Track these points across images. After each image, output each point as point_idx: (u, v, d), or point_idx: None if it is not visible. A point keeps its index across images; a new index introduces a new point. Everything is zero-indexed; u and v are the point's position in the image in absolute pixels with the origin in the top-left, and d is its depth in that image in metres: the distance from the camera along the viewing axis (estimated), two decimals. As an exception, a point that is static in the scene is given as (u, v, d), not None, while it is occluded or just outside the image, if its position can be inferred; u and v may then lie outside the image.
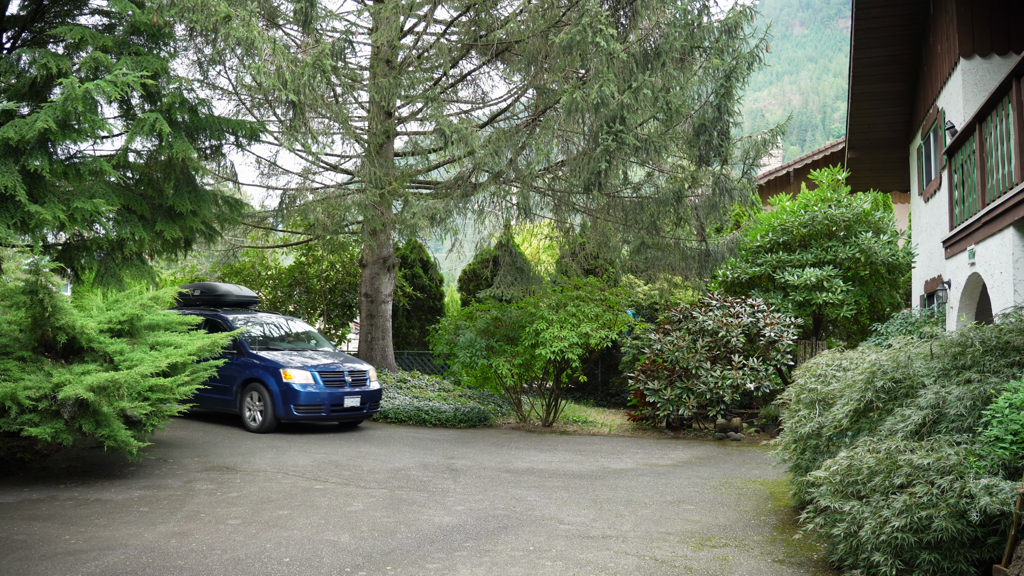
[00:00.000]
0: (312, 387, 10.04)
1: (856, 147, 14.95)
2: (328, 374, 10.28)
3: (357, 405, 10.41)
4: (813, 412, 5.72)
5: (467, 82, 12.58)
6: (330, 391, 10.14)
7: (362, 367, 10.77)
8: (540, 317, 11.03)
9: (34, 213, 6.06)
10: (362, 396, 10.48)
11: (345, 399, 10.24)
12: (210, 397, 10.70)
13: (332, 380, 10.27)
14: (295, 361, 10.32)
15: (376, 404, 10.93)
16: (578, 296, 11.46)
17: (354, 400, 10.36)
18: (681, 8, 9.57)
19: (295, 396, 9.89)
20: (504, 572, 4.58)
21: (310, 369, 10.16)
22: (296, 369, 10.09)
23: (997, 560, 3.77)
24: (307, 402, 9.93)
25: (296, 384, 9.97)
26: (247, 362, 10.44)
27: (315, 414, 10.08)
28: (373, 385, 10.85)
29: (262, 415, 10.11)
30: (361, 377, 10.67)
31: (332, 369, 10.38)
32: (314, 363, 10.38)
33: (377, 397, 10.91)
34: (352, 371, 10.55)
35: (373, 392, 10.80)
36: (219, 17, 7.97)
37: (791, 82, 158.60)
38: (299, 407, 9.92)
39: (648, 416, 11.56)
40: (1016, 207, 6.92)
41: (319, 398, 10.01)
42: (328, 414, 10.16)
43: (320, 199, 12.14)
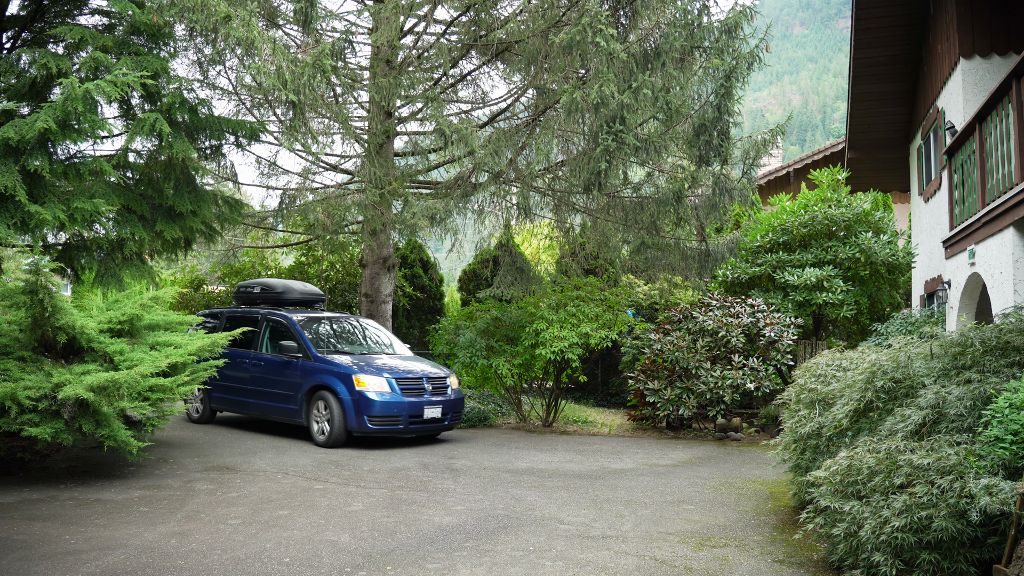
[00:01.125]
0: (389, 396, 9.01)
1: (856, 147, 14.95)
2: (406, 381, 9.24)
3: (438, 416, 9.37)
4: (813, 412, 5.72)
5: (467, 82, 12.58)
6: (409, 400, 9.12)
7: (441, 372, 9.76)
8: (540, 317, 11.03)
9: (34, 213, 6.06)
10: (443, 406, 9.45)
11: (425, 409, 9.21)
12: (272, 406, 9.82)
13: (411, 388, 9.24)
14: (369, 366, 9.32)
15: (458, 415, 9.86)
16: (578, 296, 11.46)
17: (435, 410, 9.32)
18: (681, 8, 9.57)
19: (369, 406, 8.85)
20: (504, 572, 4.58)
21: (386, 375, 9.13)
22: (370, 375, 9.04)
23: (997, 560, 3.77)
24: (383, 413, 8.91)
25: (371, 392, 8.91)
26: (314, 367, 9.36)
27: (392, 426, 9.01)
28: (453, 393, 9.81)
29: (330, 426, 9.02)
30: (441, 384, 9.63)
31: (411, 375, 9.36)
32: (390, 368, 9.40)
33: (459, 407, 9.82)
34: (431, 377, 9.51)
35: (454, 401, 9.73)
36: (219, 17, 7.97)
37: (791, 82, 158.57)
38: (374, 418, 8.88)
39: (648, 416, 11.56)
40: (1016, 207, 6.92)
41: (397, 408, 9.01)
42: (406, 426, 9.10)
43: (320, 199, 12.14)
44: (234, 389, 10.33)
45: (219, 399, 10.61)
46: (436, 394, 9.47)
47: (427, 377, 9.45)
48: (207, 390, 10.58)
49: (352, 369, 9.14)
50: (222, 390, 10.49)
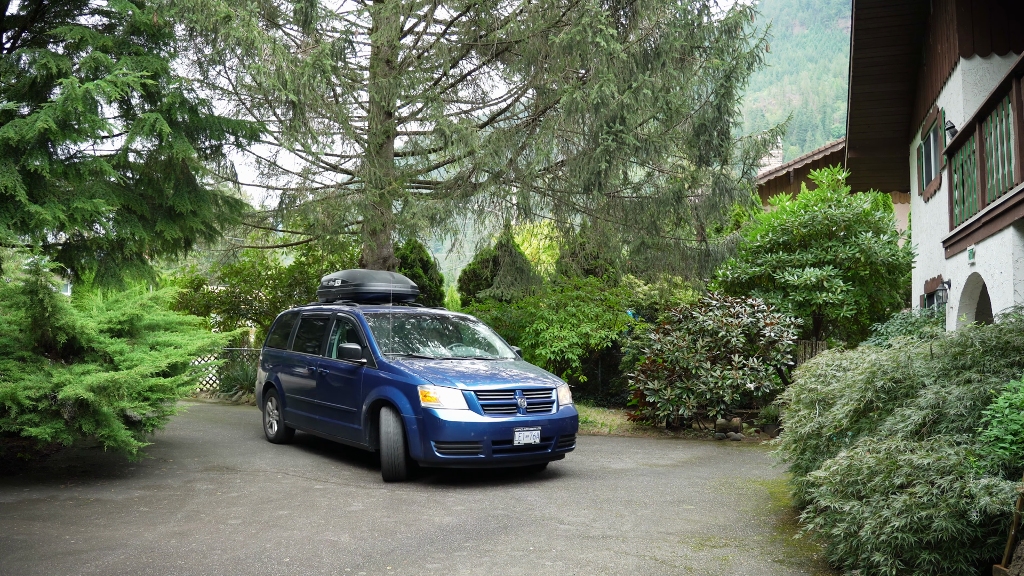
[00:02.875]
0: (464, 414, 6.93)
1: (856, 147, 14.95)
2: (490, 394, 7.13)
3: (535, 442, 7.17)
4: (813, 412, 5.72)
5: (467, 82, 12.58)
6: (492, 421, 6.99)
7: (545, 383, 7.63)
8: (540, 317, 11.03)
9: (34, 213, 6.06)
10: (543, 427, 7.25)
11: (516, 433, 7.05)
12: (336, 424, 8.07)
13: (496, 404, 7.13)
14: (444, 374, 7.29)
15: (568, 439, 7.59)
16: (578, 296, 11.46)
17: (530, 434, 7.14)
18: (681, 8, 9.57)
19: (437, 428, 6.84)
20: (504, 572, 4.58)
21: (461, 386, 7.07)
22: (442, 386, 7.03)
23: (997, 560, 3.77)
24: (455, 437, 6.85)
25: (440, 409, 6.90)
26: (377, 376, 7.51)
27: (468, 455, 6.93)
28: (561, 410, 7.56)
29: (388, 453, 7.12)
30: (543, 399, 7.45)
31: (497, 386, 7.25)
32: (471, 376, 7.36)
33: (568, 428, 7.54)
34: (529, 390, 7.37)
35: (560, 421, 7.43)
36: (219, 17, 7.97)
37: (791, 82, 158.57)
38: (442, 445, 6.85)
39: (648, 416, 11.56)
40: (1016, 207, 6.92)
41: (475, 431, 6.89)
42: (489, 455, 6.97)
43: (320, 199, 12.14)
44: (303, 403, 8.81)
45: (291, 415, 9.08)
46: (534, 411, 7.30)
47: (522, 390, 7.31)
48: (282, 404, 9.24)
49: (418, 378, 7.13)
50: (293, 404, 9.03)
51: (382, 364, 7.57)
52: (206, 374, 14.97)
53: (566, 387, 7.97)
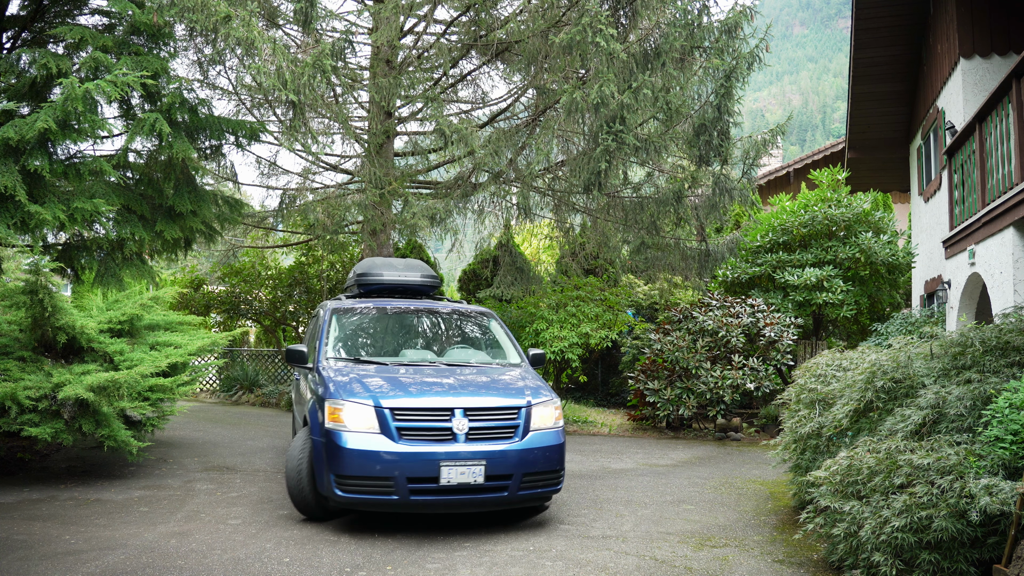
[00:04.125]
0: (371, 439, 5.24)
1: (856, 147, 14.95)
2: (411, 413, 5.34)
3: (477, 481, 5.28)
4: (813, 412, 5.72)
5: (467, 82, 12.58)
6: (409, 451, 5.22)
7: (507, 399, 5.65)
8: (540, 317, 11.03)
9: (34, 213, 6.06)
10: (490, 462, 5.33)
11: (444, 468, 5.20)
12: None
13: (418, 427, 5.32)
14: (366, 385, 5.61)
15: (545, 479, 5.60)
16: (578, 296, 11.46)
17: (468, 470, 5.26)
18: (681, 8, 9.57)
19: (335, 456, 5.24)
20: (504, 572, 4.58)
21: (374, 402, 5.36)
22: (348, 400, 5.39)
23: (997, 560, 3.77)
24: (356, 470, 5.18)
25: (342, 431, 5.29)
26: (313, 385, 6.05)
27: (376, 495, 5.20)
28: (537, 436, 5.61)
29: (295, 483, 5.63)
30: (500, 421, 5.52)
31: (422, 404, 5.41)
32: (401, 389, 5.61)
33: (542, 462, 5.56)
34: (476, 409, 5.45)
35: (529, 453, 5.49)
36: (219, 17, 7.97)
37: (791, 82, 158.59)
38: (343, 480, 5.21)
39: (648, 416, 11.56)
40: (1016, 207, 6.92)
41: (382, 464, 5.18)
42: (404, 497, 5.18)
43: (320, 199, 12.14)
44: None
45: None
46: (480, 438, 5.40)
47: (466, 409, 5.41)
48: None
49: (331, 389, 5.56)
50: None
51: (318, 369, 6.07)
52: (206, 374, 14.98)
53: (552, 405, 5.81)
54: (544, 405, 5.82)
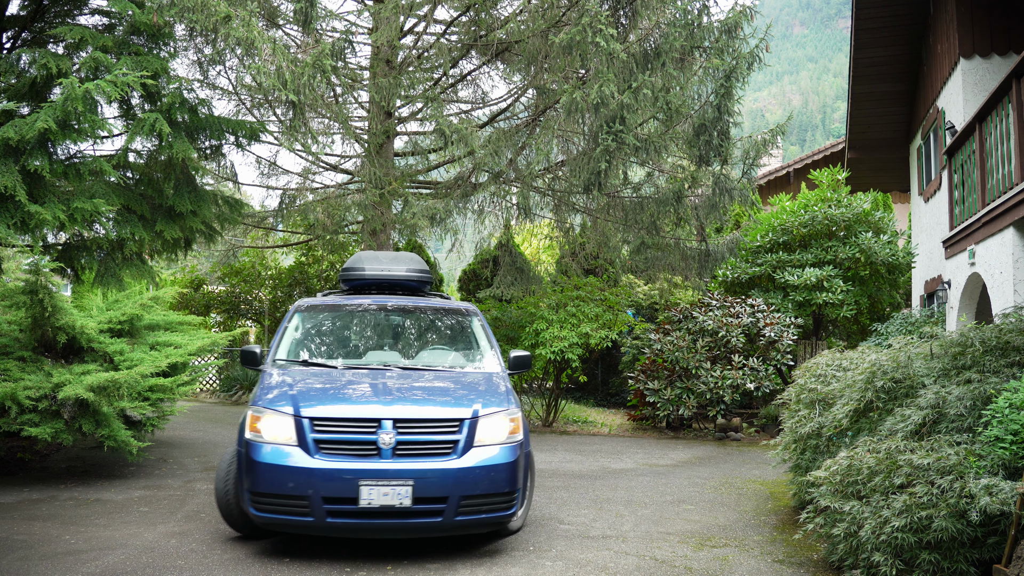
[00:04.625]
0: (287, 452, 4.69)
1: (856, 147, 14.95)
2: (332, 424, 4.76)
3: (403, 505, 4.60)
4: (813, 412, 5.72)
5: (467, 82, 12.57)
6: (325, 467, 4.62)
7: (447, 410, 4.99)
8: (540, 317, 11.03)
9: (34, 213, 6.06)
10: (419, 483, 4.64)
11: (364, 488, 4.56)
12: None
13: (340, 440, 4.74)
14: (286, 391, 5.09)
15: (492, 502, 4.86)
16: (578, 296, 11.46)
17: (393, 491, 4.59)
18: (681, 8, 9.57)
19: (249, 471, 4.72)
20: (504, 572, 4.58)
21: (293, 410, 4.80)
22: (268, 409, 4.85)
23: (997, 560, 3.77)
24: (269, 487, 4.64)
25: (259, 443, 4.76)
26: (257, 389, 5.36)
27: (291, 515, 4.63)
28: (485, 453, 4.89)
29: (221, 495, 5.14)
30: (437, 434, 4.85)
31: (345, 413, 4.83)
32: (335, 397, 5.09)
33: (486, 483, 4.82)
34: (408, 420, 4.81)
35: (471, 473, 4.78)
36: (219, 17, 7.96)
37: (791, 82, 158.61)
38: (257, 497, 4.68)
39: (648, 416, 11.56)
40: (1016, 207, 6.92)
41: (295, 480, 4.61)
42: (321, 520, 4.58)
43: (320, 199, 12.14)
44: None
45: None
46: (410, 454, 4.75)
47: (396, 420, 4.76)
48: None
49: (257, 395, 5.08)
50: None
51: (260, 373, 5.60)
52: (206, 374, 14.98)
53: (505, 416, 5.03)
54: (495, 416, 5.01)
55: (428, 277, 7.09)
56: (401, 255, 7.16)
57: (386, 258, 7.13)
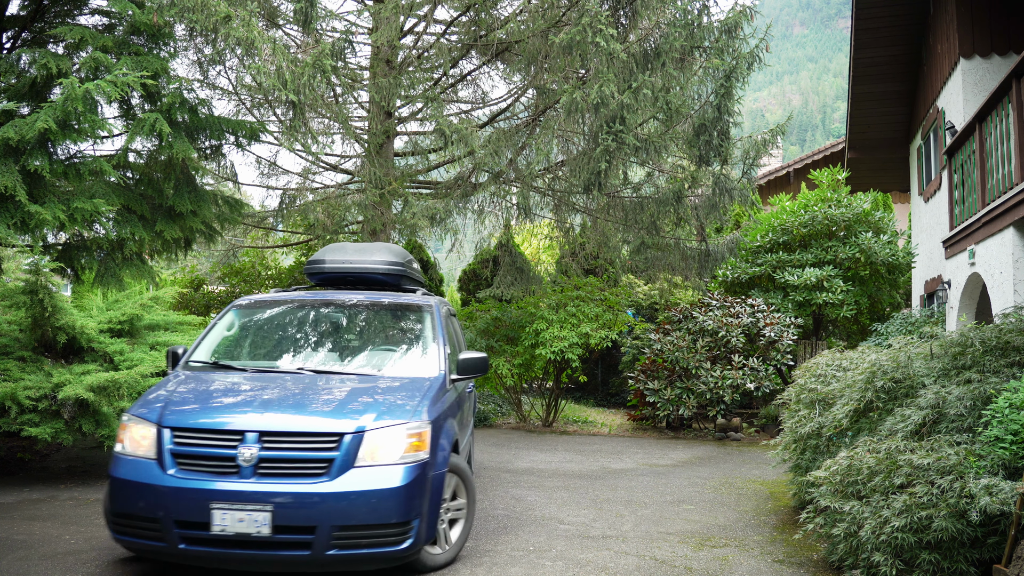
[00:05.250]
0: (143, 468, 4.20)
1: (856, 147, 14.96)
2: (193, 436, 4.23)
3: (261, 534, 3.97)
4: (813, 412, 5.72)
5: (467, 82, 12.57)
6: (179, 486, 4.08)
7: (325, 423, 4.26)
8: (540, 317, 11.03)
9: (34, 213, 6.06)
10: (279, 509, 3.99)
11: (215, 511, 3.99)
12: None
13: (199, 455, 4.17)
14: (163, 396, 4.58)
15: (375, 535, 4.11)
16: (578, 296, 11.46)
17: (249, 517, 3.98)
18: (681, 8, 9.57)
19: (110, 489, 4.28)
20: (504, 572, 4.58)
21: (164, 419, 4.31)
22: (137, 419, 4.39)
23: (997, 560, 3.77)
24: (124, 506, 4.18)
25: (121, 457, 4.32)
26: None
27: (145, 538, 4.13)
28: (366, 473, 4.16)
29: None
30: (309, 450, 4.16)
31: (208, 425, 4.25)
32: (212, 406, 4.52)
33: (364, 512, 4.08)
34: (277, 433, 4.16)
35: (347, 499, 4.06)
36: (219, 17, 7.97)
37: (791, 82, 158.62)
38: (115, 518, 4.22)
39: (648, 416, 11.56)
40: (1016, 207, 6.92)
41: (145, 500, 4.12)
42: (173, 545, 4.05)
43: (320, 199, 12.14)
44: None
45: None
46: (273, 473, 4.09)
47: (262, 433, 4.14)
48: None
49: (137, 402, 4.62)
50: None
51: (165, 377, 5.18)
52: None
53: (401, 431, 4.27)
54: (390, 431, 4.24)
55: (399, 270, 6.43)
56: (373, 246, 6.61)
57: (353, 249, 6.55)
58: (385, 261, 6.42)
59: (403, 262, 6.53)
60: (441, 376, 5.10)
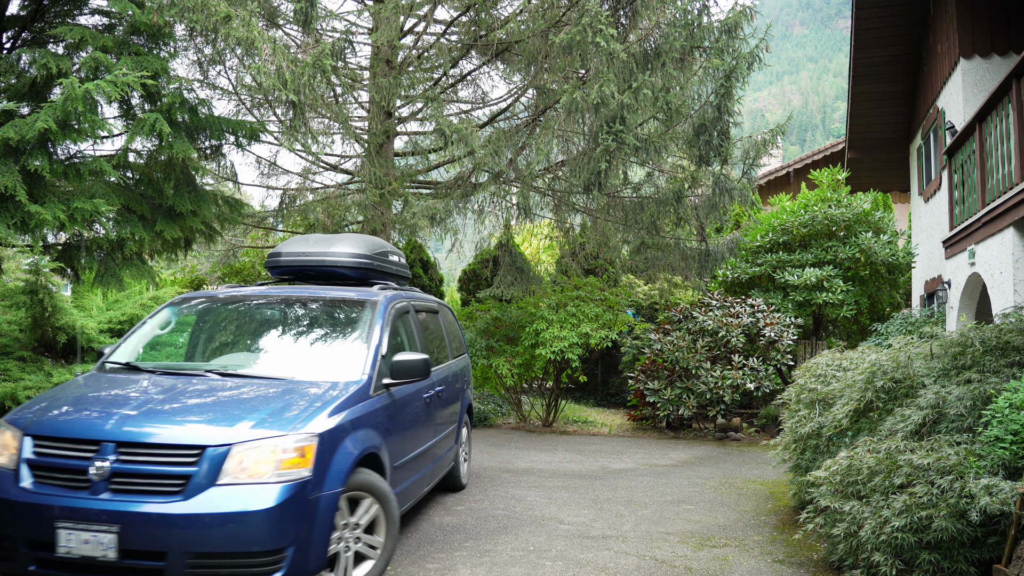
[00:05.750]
0: (2, 478, 3.83)
1: (856, 147, 14.96)
2: (51, 446, 3.83)
3: (107, 558, 3.53)
4: (813, 412, 5.72)
5: (467, 82, 12.57)
6: (30, 502, 3.68)
7: (183, 432, 3.78)
8: (540, 317, 11.03)
9: (34, 213, 6.06)
10: (126, 531, 3.53)
11: (61, 531, 3.57)
12: None
13: (55, 467, 3.78)
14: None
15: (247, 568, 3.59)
16: (578, 296, 11.46)
17: (95, 539, 3.53)
18: (681, 8, 9.57)
19: None
20: (504, 572, 4.58)
21: (30, 427, 3.94)
22: (7, 425, 4.05)
23: (997, 560, 3.77)
24: None
25: None
26: None
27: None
28: (227, 492, 3.62)
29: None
30: (167, 463, 3.69)
31: (65, 433, 3.85)
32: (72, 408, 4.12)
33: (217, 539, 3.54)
34: (129, 444, 3.72)
35: (207, 520, 3.54)
36: (219, 17, 7.97)
37: (791, 82, 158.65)
38: None
39: (648, 416, 11.56)
40: (1016, 207, 6.92)
41: (4, 515, 3.72)
42: (23, 568, 3.68)
43: (320, 199, 12.14)
44: None
45: None
46: (125, 490, 3.66)
47: (119, 443, 3.72)
48: None
49: (18, 409, 4.26)
50: None
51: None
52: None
53: (276, 445, 3.76)
54: (261, 444, 3.73)
55: (363, 263, 5.92)
56: (338, 236, 6.11)
57: (315, 240, 6.05)
58: (348, 253, 5.89)
59: (370, 254, 6.01)
60: (363, 381, 4.52)
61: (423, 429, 5.43)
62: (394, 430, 4.77)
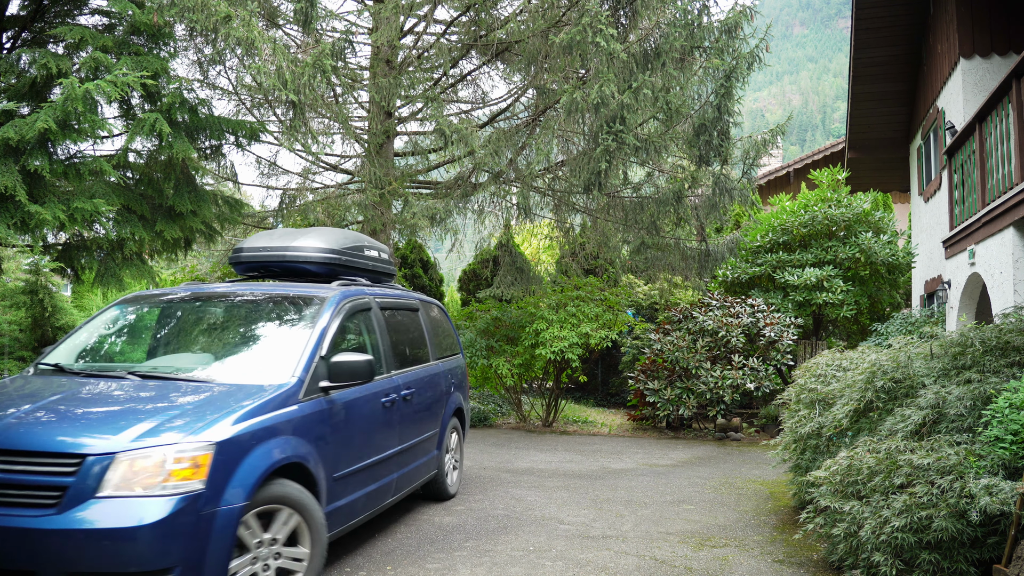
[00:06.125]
0: None
1: (856, 147, 14.96)
2: None
3: None
4: (813, 412, 5.72)
5: (467, 82, 12.57)
6: None
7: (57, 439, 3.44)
8: (540, 317, 11.03)
9: (34, 213, 6.06)
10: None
11: None
12: None
13: None
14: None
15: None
16: (578, 296, 11.47)
17: None
18: (681, 8, 9.57)
19: None
20: (504, 572, 4.58)
21: None
22: None
23: (997, 560, 3.77)
24: None
25: None
26: None
27: None
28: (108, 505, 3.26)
29: None
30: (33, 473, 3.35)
31: None
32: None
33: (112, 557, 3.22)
34: (6, 451, 3.40)
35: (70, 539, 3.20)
36: (219, 17, 7.97)
37: (791, 82, 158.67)
38: None
39: (648, 416, 11.56)
40: (1016, 207, 6.92)
41: None
42: None
43: (320, 199, 12.14)
44: None
45: None
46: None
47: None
48: None
49: None
50: None
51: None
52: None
53: (168, 452, 3.41)
54: (148, 453, 3.39)
55: (330, 258, 5.59)
56: (304, 230, 5.79)
57: (279, 235, 5.75)
58: (312, 248, 5.51)
59: (337, 248, 5.65)
60: (289, 384, 4.16)
61: (382, 436, 5.02)
62: (333, 437, 4.39)
